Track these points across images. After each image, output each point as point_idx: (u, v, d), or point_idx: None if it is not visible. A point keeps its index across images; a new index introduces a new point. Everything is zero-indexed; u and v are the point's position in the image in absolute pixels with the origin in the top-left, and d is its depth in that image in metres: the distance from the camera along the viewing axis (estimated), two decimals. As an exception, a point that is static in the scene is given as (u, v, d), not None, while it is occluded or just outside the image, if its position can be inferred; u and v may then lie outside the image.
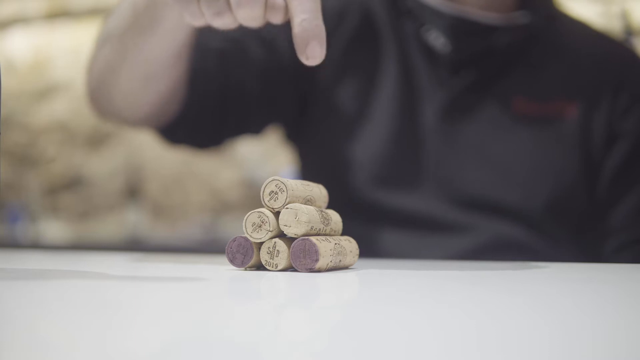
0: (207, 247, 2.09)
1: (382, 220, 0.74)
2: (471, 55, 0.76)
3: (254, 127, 0.79)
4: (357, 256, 0.47)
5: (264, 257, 0.42)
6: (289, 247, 0.41)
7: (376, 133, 0.76)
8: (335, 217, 0.46)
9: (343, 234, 0.47)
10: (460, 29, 0.75)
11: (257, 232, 0.41)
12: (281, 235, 0.42)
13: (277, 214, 0.42)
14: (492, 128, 0.76)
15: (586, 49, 0.81)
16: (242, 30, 0.76)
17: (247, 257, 0.42)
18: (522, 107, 0.76)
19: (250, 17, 0.48)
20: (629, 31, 2.04)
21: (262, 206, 0.42)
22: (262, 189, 0.42)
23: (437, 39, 0.75)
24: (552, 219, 0.74)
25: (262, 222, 0.41)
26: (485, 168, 0.75)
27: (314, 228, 0.42)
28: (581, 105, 0.77)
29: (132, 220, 2.47)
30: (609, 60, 0.80)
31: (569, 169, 0.75)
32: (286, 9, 0.48)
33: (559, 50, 0.80)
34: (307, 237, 0.41)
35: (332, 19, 0.78)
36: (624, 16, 2.07)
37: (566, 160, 0.76)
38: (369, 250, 0.65)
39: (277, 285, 0.36)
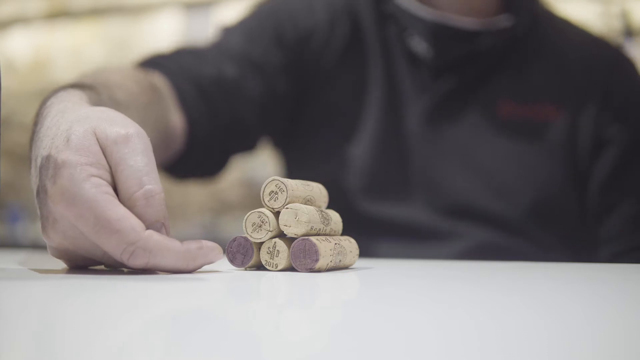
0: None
1: (368, 230, 0.73)
2: (454, 60, 0.75)
3: (250, 147, 0.79)
4: (357, 256, 0.47)
5: (264, 257, 0.42)
6: (289, 247, 0.41)
7: (363, 141, 0.76)
8: (335, 217, 0.46)
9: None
10: (442, 34, 0.75)
11: (257, 232, 0.41)
12: (281, 235, 0.42)
13: (277, 214, 0.42)
14: (477, 133, 0.75)
15: (573, 52, 0.79)
16: (238, 66, 0.73)
17: (247, 257, 0.42)
18: (507, 111, 0.75)
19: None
20: (629, 31, 2.04)
21: (262, 206, 0.42)
22: (262, 189, 0.42)
23: (419, 44, 0.75)
24: (539, 225, 0.73)
25: (262, 222, 0.41)
26: (471, 174, 0.74)
27: (314, 228, 0.42)
28: (567, 109, 0.76)
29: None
30: (596, 63, 0.79)
31: (555, 175, 0.75)
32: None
33: (545, 52, 0.78)
34: (307, 237, 0.41)
35: (324, 30, 0.78)
36: (624, 16, 2.07)
37: (552, 165, 0.75)
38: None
39: (277, 285, 0.36)
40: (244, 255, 0.42)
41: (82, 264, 0.40)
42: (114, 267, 0.40)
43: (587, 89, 0.77)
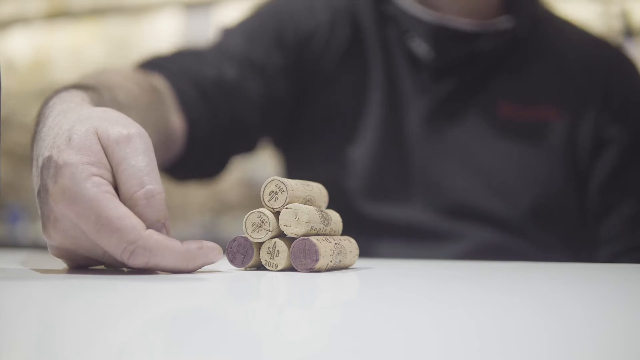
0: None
1: (369, 230, 0.73)
2: (454, 61, 0.75)
3: (250, 148, 0.78)
4: (357, 256, 0.47)
5: (264, 257, 0.42)
6: (289, 247, 0.41)
7: (363, 142, 0.76)
8: (335, 217, 0.46)
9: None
10: (443, 36, 0.75)
11: (257, 232, 0.41)
12: (281, 235, 0.42)
13: (277, 214, 0.42)
14: (477, 134, 0.75)
15: (574, 53, 0.79)
16: (238, 67, 0.73)
17: (247, 257, 0.42)
18: (507, 112, 0.76)
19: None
20: (629, 31, 2.04)
21: (262, 206, 0.42)
22: (262, 189, 0.42)
23: (420, 46, 0.75)
24: (539, 225, 0.73)
25: (262, 222, 0.41)
26: (471, 175, 0.74)
27: (314, 228, 0.42)
28: (567, 109, 0.76)
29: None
30: (596, 64, 0.79)
31: (555, 175, 0.75)
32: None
33: (545, 53, 0.79)
34: (307, 237, 0.41)
35: (325, 32, 0.78)
36: (624, 16, 2.07)
37: (552, 165, 0.75)
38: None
39: (277, 285, 0.36)
40: (244, 255, 0.42)
41: (82, 263, 0.40)
42: (114, 267, 0.40)
43: (587, 89, 0.77)
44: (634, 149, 0.76)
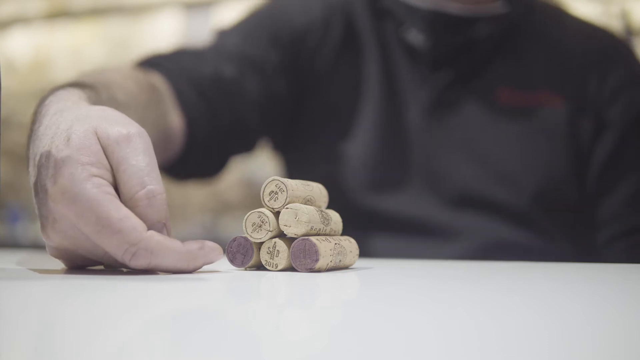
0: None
1: (373, 226, 0.73)
2: (451, 49, 0.76)
3: (249, 148, 0.79)
4: (357, 256, 0.47)
5: (264, 257, 0.42)
6: (289, 247, 0.41)
7: (363, 138, 0.76)
8: (335, 217, 0.46)
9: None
10: (438, 23, 0.75)
11: (257, 232, 0.41)
12: (281, 235, 0.42)
13: (277, 214, 0.42)
14: (478, 122, 0.76)
15: (570, 37, 0.80)
16: (236, 66, 0.74)
17: (247, 257, 0.42)
18: (507, 98, 0.76)
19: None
20: (629, 31, 2.04)
21: (262, 206, 0.42)
22: (262, 189, 0.42)
23: (416, 37, 0.75)
24: (542, 212, 0.73)
25: (262, 222, 0.41)
26: (473, 164, 0.75)
27: (314, 228, 0.42)
28: (567, 95, 0.77)
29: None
30: (593, 49, 0.80)
31: (557, 161, 0.75)
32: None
33: (542, 39, 0.79)
34: (307, 237, 0.41)
35: (319, 29, 0.78)
36: (624, 16, 2.07)
37: (554, 152, 0.75)
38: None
39: (277, 285, 0.36)
40: (244, 255, 0.42)
41: (81, 264, 0.40)
42: (114, 267, 0.40)
43: (584, 74, 0.78)
44: (632, 132, 0.77)
